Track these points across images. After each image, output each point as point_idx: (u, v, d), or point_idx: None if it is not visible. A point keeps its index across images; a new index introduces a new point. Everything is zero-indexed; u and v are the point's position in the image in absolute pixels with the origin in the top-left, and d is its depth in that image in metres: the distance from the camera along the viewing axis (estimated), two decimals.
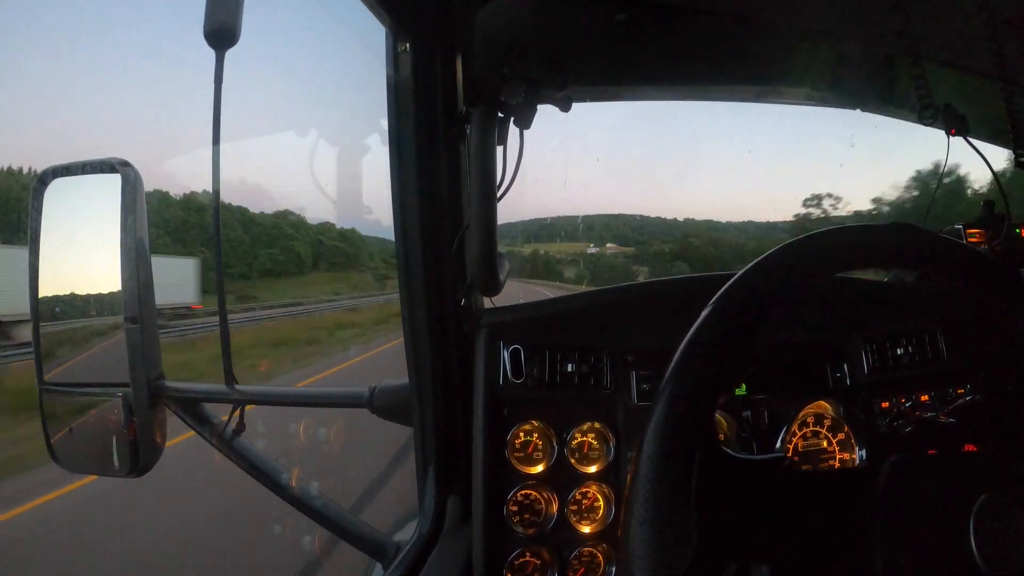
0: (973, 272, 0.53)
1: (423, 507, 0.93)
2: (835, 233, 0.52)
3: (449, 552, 0.88)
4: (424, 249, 0.86)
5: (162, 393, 0.85)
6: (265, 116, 45.38)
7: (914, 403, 0.93)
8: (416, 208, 0.85)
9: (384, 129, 0.86)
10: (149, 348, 0.83)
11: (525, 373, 0.88)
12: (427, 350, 0.89)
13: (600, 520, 0.89)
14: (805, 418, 0.92)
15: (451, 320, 0.91)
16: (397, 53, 0.82)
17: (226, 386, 0.88)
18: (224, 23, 0.73)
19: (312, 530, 2.64)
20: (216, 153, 0.78)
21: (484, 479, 0.86)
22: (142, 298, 0.80)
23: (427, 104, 0.83)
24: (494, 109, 0.77)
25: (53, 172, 0.83)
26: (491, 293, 0.87)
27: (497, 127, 0.78)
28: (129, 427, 0.84)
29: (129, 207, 0.79)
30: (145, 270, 0.80)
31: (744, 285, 0.48)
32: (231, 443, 0.88)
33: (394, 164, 0.85)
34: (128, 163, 0.81)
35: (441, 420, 0.91)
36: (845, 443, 0.92)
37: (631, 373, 0.90)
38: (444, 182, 0.87)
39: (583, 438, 0.89)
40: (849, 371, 0.93)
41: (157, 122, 45.97)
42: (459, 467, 0.92)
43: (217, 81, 0.75)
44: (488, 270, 0.81)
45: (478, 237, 0.79)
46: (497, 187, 0.81)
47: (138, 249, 0.80)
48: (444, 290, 0.89)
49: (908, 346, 0.96)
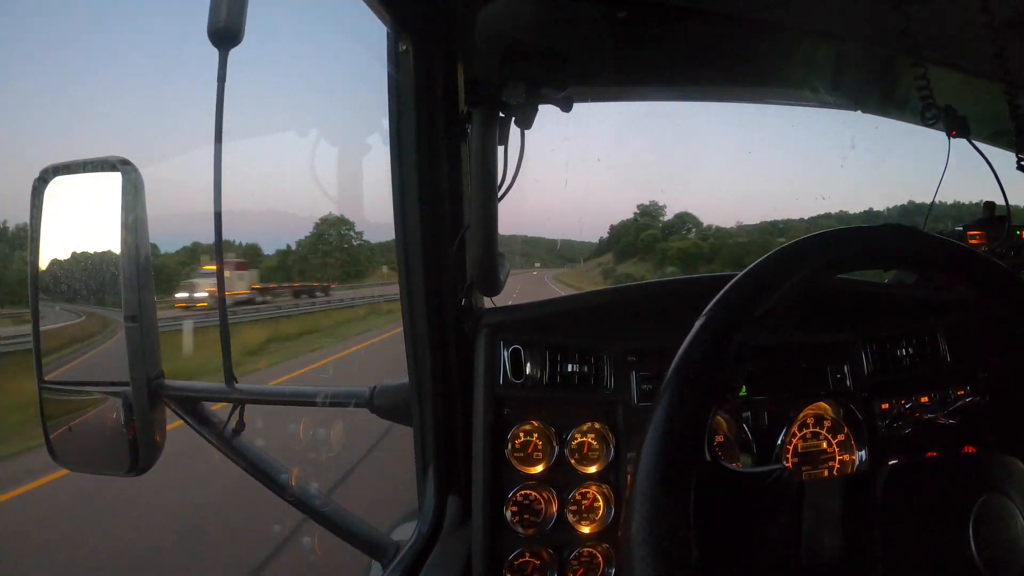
0: (974, 274, 0.53)
1: (423, 507, 0.93)
2: (834, 235, 0.52)
3: (449, 552, 0.88)
4: (424, 249, 0.86)
5: (162, 392, 0.85)
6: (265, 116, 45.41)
7: (914, 404, 0.93)
8: (416, 208, 0.85)
9: (385, 129, 0.86)
10: (149, 347, 0.83)
11: (525, 373, 0.88)
12: (427, 350, 0.89)
13: (600, 520, 0.89)
14: (805, 419, 0.92)
15: (451, 320, 0.91)
16: (398, 53, 0.82)
17: (226, 385, 0.88)
18: (228, 23, 0.73)
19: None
20: (218, 151, 0.78)
21: (484, 479, 0.86)
22: (142, 297, 0.80)
23: (428, 104, 0.83)
24: (495, 109, 0.77)
25: (54, 170, 0.83)
26: (491, 293, 0.87)
27: (498, 127, 0.78)
28: (129, 426, 0.84)
29: (130, 206, 0.79)
30: (145, 269, 0.80)
31: (739, 289, 0.48)
32: (231, 442, 0.88)
33: (395, 164, 0.85)
34: (129, 162, 0.81)
35: (441, 420, 0.91)
36: (845, 444, 0.92)
37: (632, 373, 0.90)
38: (445, 182, 0.87)
39: (583, 438, 0.89)
40: (849, 372, 0.93)
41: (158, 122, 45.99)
42: (459, 467, 0.92)
43: (220, 80, 0.75)
44: (488, 270, 0.81)
45: (478, 237, 0.79)
46: (498, 187, 0.81)
47: (138, 248, 0.80)
48: (444, 290, 0.89)
49: (908, 347, 0.96)
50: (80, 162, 0.83)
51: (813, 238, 0.51)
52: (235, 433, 0.89)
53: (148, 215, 0.81)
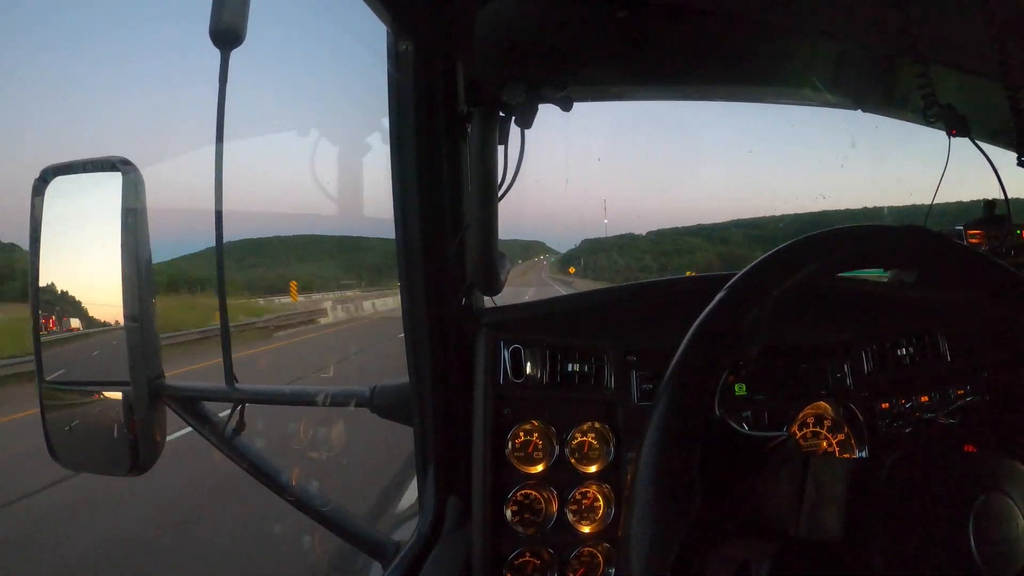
0: (977, 274, 0.53)
1: (423, 507, 0.93)
2: (844, 232, 0.52)
3: (449, 552, 0.88)
4: (425, 249, 0.86)
5: (162, 392, 0.86)
6: (265, 116, 45.47)
7: (914, 404, 0.93)
8: (417, 208, 0.85)
9: (385, 129, 0.86)
10: (149, 347, 0.84)
11: (525, 373, 0.88)
12: (427, 350, 0.89)
13: (600, 520, 0.89)
14: (805, 419, 0.92)
15: (451, 320, 0.91)
16: (398, 53, 0.82)
17: (226, 385, 0.88)
18: (230, 23, 0.73)
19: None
20: (219, 152, 0.78)
21: (484, 479, 0.86)
22: (142, 297, 0.80)
23: (428, 104, 0.83)
24: (495, 109, 0.77)
25: (54, 170, 0.83)
26: (491, 293, 0.87)
27: (498, 127, 0.78)
28: (129, 426, 0.85)
29: (130, 206, 0.79)
30: (146, 269, 0.81)
31: (752, 277, 0.50)
32: (231, 442, 0.88)
33: (395, 164, 0.85)
34: (129, 162, 0.81)
35: (441, 420, 0.91)
36: (845, 444, 0.92)
37: (632, 373, 0.90)
38: (445, 182, 0.87)
39: (583, 438, 0.89)
40: (849, 371, 0.93)
41: (158, 122, 46.05)
42: (459, 467, 0.92)
43: (222, 81, 0.75)
44: (488, 270, 0.81)
45: (479, 237, 0.79)
46: (498, 187, 0.81)
47: (139, 248, 0.80)
48: (444, 290, 0.89)
49: (909, 347, 0.96)
50: (80, 162, 0.83)
51: (837, 230, 0.53)
52: (235, 433, 0.89)
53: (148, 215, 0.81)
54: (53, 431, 0.86)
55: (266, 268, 31.07)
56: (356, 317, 17.06)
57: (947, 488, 0.45)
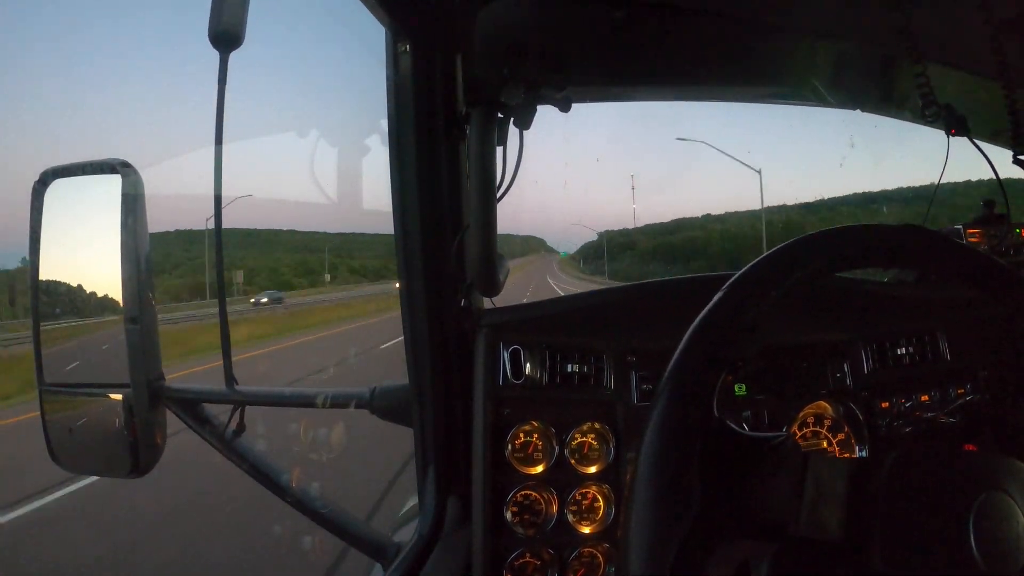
0: (977, 274, 0.53)
1: (423, 508, 0.93)
2: (844, 231, 0.52)
3: (449, 553, 0.88)
4: (424, 250, 0.86)
5: (162, 394, 0.85)
6: (264, 117, 45.50)
7: (914, 403, 0.93)
8: (416, 209, 0.85)
9: (384, 130, 0.86)
10: (149, 348, 0.83)
11: (525, 373, 0.88)
12: (427, 351, 0.89)
13: (600, 520, 0.89)
14: (805, 418, 0.92)
15: (451, 320, 0.91)
16: (397, 54, 0.82)
17: (226, 387, 0.88)
18: (229, 25, 0.73)
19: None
20: (219, 153, 0.78)
21: (484, 480, 0.86)
22: (142, 298, 0.80)
23: (427, 105, 0.83)
24: (494, 110, 0.77)
25: (53, 173, 0.83)
26: (491, 293, 0.87)
27: (497, 128, 0.78)
28: (129, 428, 0.84)
29: (129, 208, 0.79)
30: (145, 271, 0.81)
31: (752, 276, 0.50)
32: (231, 444, 0.88)
33: (394, 165, 0.85)
34: (128, 164, 0.81)
35: (441, 421, 0.91)
36: (845, 443, 0.92)
37: (632, 373, 0.90)
38: (444, 183, 0.87)
39: (583, 438, 0.89)
40: (849, 371, 0.93)
41: (159, 124, 46.09)
42: (459, 467, 0.92)
43: (221, 83, 0.76)
44: (488, 270, 0.81)
45: (478, 238, 0.79)
46: (497, 188, 0.81)
47: (138, 250, 0.80)
48: (444, 290, 0.89)
49: (908, 346, 0.96)
50: (80, 164, 0.83)
51: (836, 229, 0.53)
52: (236, 435, 0.89)
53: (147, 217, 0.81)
54: (53, 433, 0.86)
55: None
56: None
57: (947, 487, 0.45)
